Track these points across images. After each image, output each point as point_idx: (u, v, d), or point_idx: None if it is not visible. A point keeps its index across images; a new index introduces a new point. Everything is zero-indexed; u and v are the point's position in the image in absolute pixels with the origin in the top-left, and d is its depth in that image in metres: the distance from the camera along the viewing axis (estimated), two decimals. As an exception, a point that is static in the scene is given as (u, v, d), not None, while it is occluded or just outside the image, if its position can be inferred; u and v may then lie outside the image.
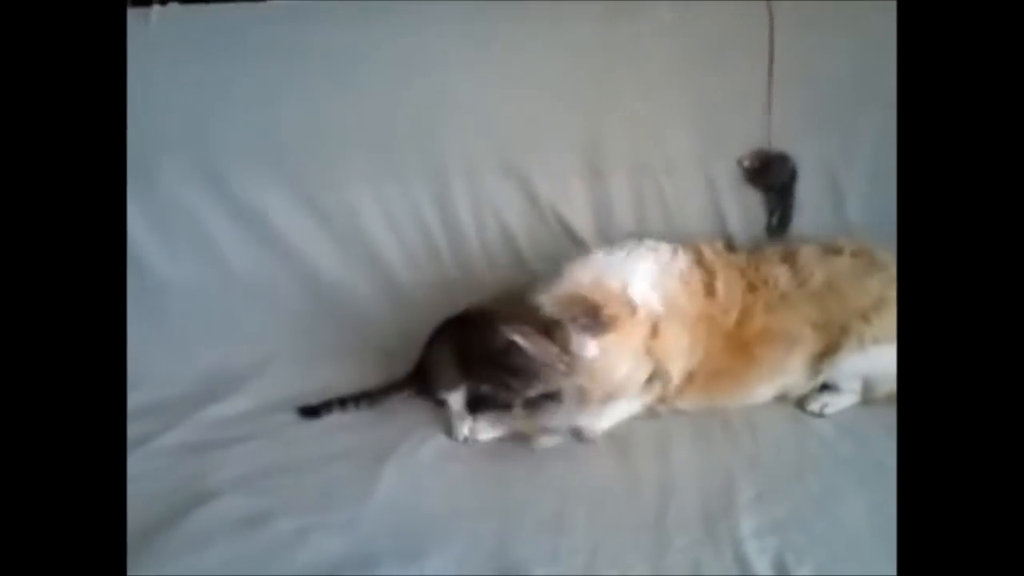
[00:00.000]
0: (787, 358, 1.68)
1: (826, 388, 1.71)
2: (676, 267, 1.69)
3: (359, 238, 2.00)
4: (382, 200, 1.98)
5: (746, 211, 1.95)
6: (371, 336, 1.98)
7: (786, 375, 1.70)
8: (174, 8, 1.97)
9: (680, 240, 1.77)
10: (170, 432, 1.66)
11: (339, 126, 1.95)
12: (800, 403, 1.72)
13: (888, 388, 1.67)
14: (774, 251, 1.78)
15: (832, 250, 1.74)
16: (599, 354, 1.53)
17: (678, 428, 1.64)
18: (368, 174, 1.97)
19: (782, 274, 1.70)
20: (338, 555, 1.33)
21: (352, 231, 2.00)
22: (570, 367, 1.49)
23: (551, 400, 1.56)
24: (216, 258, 1.99)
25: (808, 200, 1.93)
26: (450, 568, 1.31)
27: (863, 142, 1.91)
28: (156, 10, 1.93)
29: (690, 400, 1.70)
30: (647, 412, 1.69)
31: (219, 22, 1.97)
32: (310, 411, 1.73)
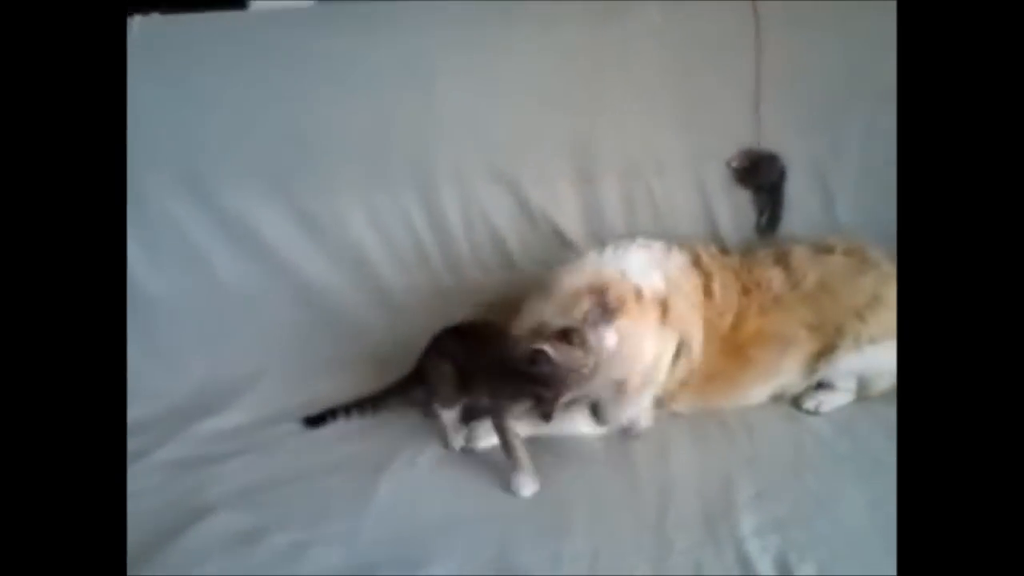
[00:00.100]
0: (781, 360, 1.68)
1: (821, 386, 1.72)
2: (672, 259, 1.70)
3: (349, 247, 1.99)
4: (372, 208, 1.97)
5: (736, 211, 1.95)
6: (364, 345, 1.97)
7: (781, 377, 1.71)
8: (156, 18, 1.96)
9: (672, 242, 1.77)
10: (164, 448, 1.64)
11: (327, 134, 1.94)
12: (796, 401, 1.72)
13: (883, 385, 1.68)
14: (767, 253, 1.78)
15: (824, 249, 1.74)
16: (620, 341, 1.51)
17: (675, 430, 1.65)
18: (357, 182, 1.96)
19: (775, 276, 1.71)
20: (337, 567, 1.32)
21: (342, 240, 1.98)
22: (596, 365, 1.46)
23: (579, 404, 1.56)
24: (205, 270, 1.97)
25: (798, 199, 1.94)
26: (451, 576, 1.31)
27: (851, 140, 1.92)
28: (138, 20, 1.92)
29: (685, 403, 1.70)
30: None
31: (202, 31, 1.97)
32: (314, 420, 1.71)
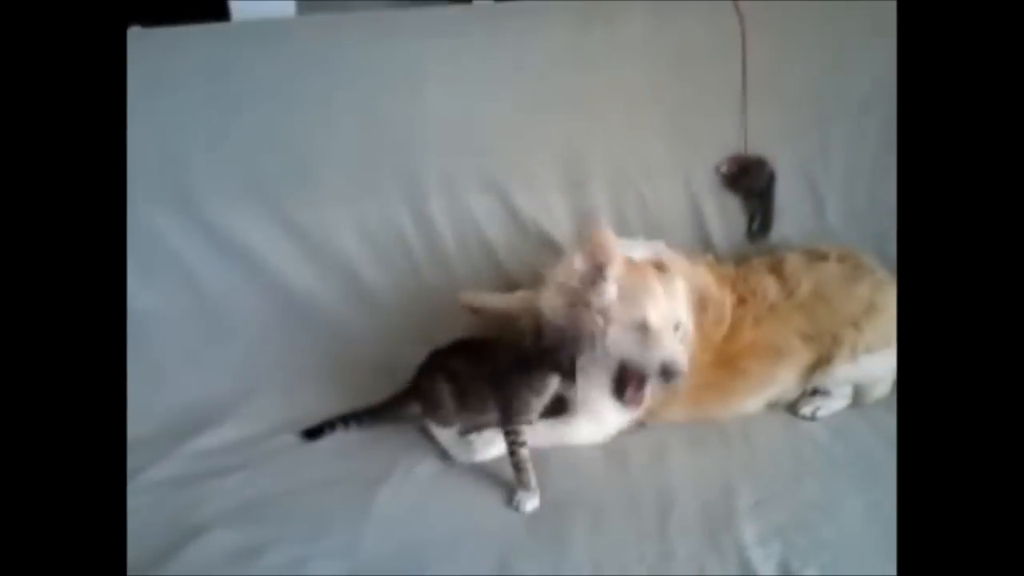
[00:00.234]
0: (775, 371, 1.68)
1: (817, 391, 1.72)
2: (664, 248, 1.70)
3: (338, 258, 1.98)
4: (361, 218, 1.96)
5: (726, 217, 1.97)
6: (356, 355, 1.95)
7: (776, 387, 1.71)
8: (137, 31, 1.94)
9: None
10: (158, 465, 1.60)
11: (314, 145, 1.92)
12: (792, 407, 1.73)
13: (879, 393, 1.69)
14: (761, 261, 1.78)
15: (818, 256, 1.74)
16: (622, 288, 1.52)
17: (673, 438, 1.64)
18: (346, 193, 1.95)
19: (770, 285, 1.70)
20: (338, 582, 1.30)
21: (331, 250, 1.97)
22: (606, 318, 1.49)
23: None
24: (194, 285, 1.95)
25: (788, 204, 1.95)
26: (452, 589, 1.30)
27: (839, 144, 1.94)
28: (121, 33, 1.89)
29: (678, 414, 1.69)
30: (639, 425, 1.69)
31: (184, 44, 1.95)
32: (312, 433, 1.69)
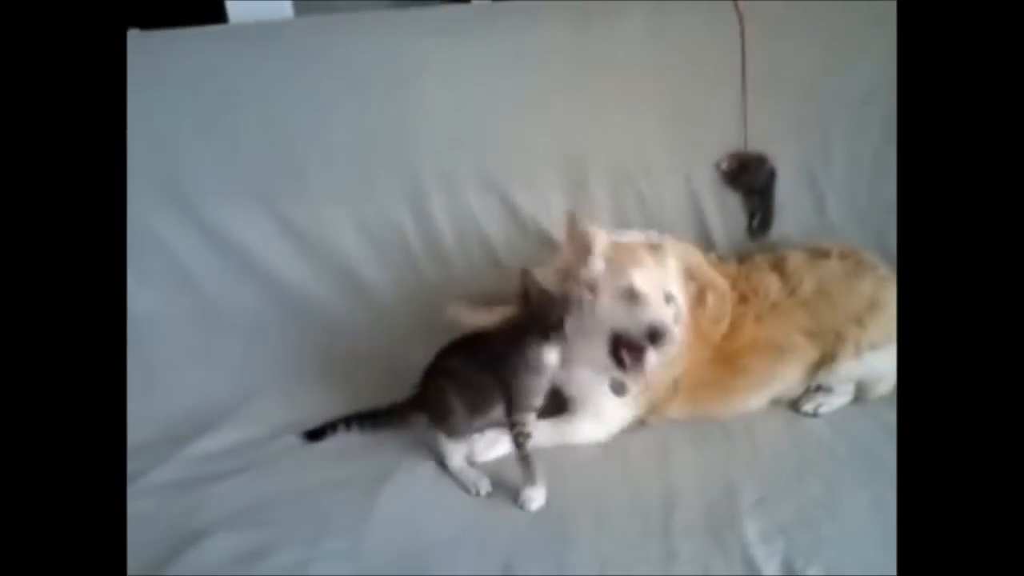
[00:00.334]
0: (777, 368, 1.68)
1: (819, 388, 1.71)
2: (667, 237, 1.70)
3: (337, 258, 1.97)
4: (360, 218, 1.96)
5: (727, 215, 1.96)
6: (355, 355, 1.95)
7: (778, 384, 1.70)
8: (135, 34, 1.94)
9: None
10: (158, 470, 1.59)
11: (312, 145, 1.92)
12: (794, 404, 1.72)
13: (883, 390, 1.69)
14: (763, 258, 1.78)
15: (819, 253, 1.74)
16: (610, 259, 1.54)
17: (675, 436, 1.64)
18: (344, 193, 1.94)
19: (772, 283, 1.70)
20: (342, 584, 1.30)
21: (330, 251, 1.97)
22: (593, 287, 1.52)
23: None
24: (190, 286, 1.95)
25: (788, 201, 1.95)
26: (456, 589, 1.30)
27: (838, 140, 1.93)
28: (117, 36, 1.88)
29: (680, 412, 1.69)
30: (640, 423, 1.69)
31: (182, 46, 1.95)
32: (314, 434, 1.68)
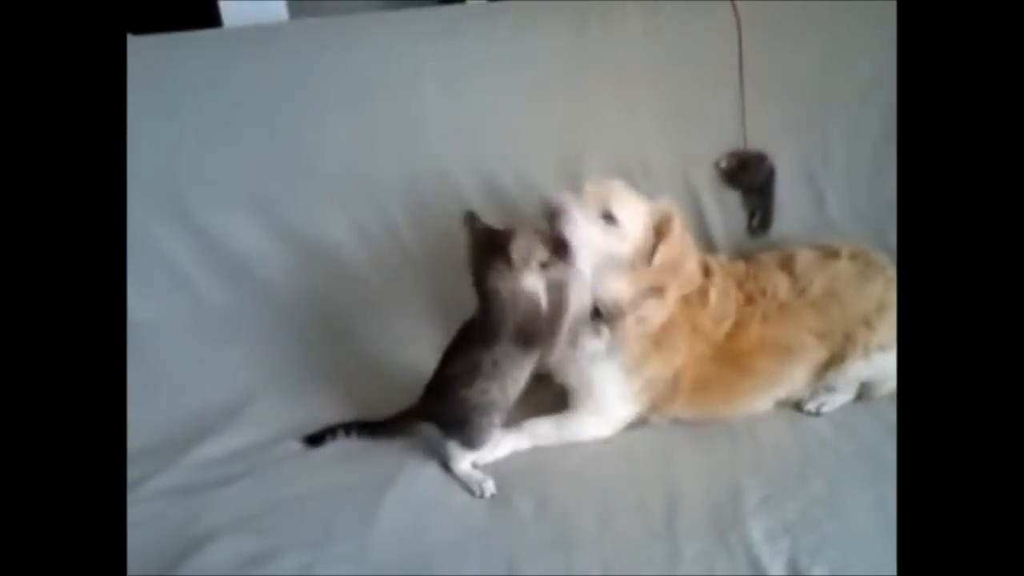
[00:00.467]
0: (784, 369, 1.66)
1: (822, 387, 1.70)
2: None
3: (335, 261, 1.96)
4: (358, 221, 1.95)
5: (726, 213, 1.96)
6: (354, 359, 1.94)
7: (786, 385, 1.69)
8: (129, 39, 1.92)
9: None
10: (160, 476, 1.59)
11: (309, 149, 1.91)
12: (796, 403, 1.71)
13: (887, 389, 1.69)
14: (771, 257, 1.75)
15: (829, 253, 1.72)
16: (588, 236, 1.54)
17: (678, 436, 1.64)
18: (342, 196, 1.93)
19: (781, 282, 1.67)
20: (347, 588, 1.30)
21: (328, 255, 1.96)
22: (568, 253, 1.51)
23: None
24: (189, 292, 1.94)
25: (788, 199, 1.94)
26: (461, 591, 1.29)
27: (837, 138, 1.93)
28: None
29: (685, 412, 1.68)
30: (643, 421, 1.68)
31: (177, 51, 1.94)
32: (313, 439, 1.68)
